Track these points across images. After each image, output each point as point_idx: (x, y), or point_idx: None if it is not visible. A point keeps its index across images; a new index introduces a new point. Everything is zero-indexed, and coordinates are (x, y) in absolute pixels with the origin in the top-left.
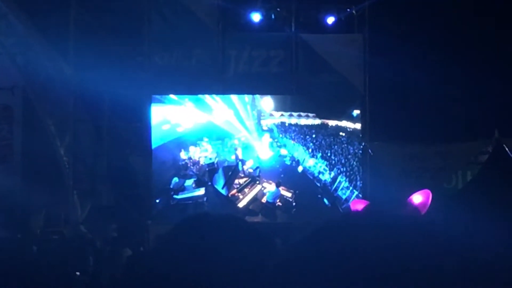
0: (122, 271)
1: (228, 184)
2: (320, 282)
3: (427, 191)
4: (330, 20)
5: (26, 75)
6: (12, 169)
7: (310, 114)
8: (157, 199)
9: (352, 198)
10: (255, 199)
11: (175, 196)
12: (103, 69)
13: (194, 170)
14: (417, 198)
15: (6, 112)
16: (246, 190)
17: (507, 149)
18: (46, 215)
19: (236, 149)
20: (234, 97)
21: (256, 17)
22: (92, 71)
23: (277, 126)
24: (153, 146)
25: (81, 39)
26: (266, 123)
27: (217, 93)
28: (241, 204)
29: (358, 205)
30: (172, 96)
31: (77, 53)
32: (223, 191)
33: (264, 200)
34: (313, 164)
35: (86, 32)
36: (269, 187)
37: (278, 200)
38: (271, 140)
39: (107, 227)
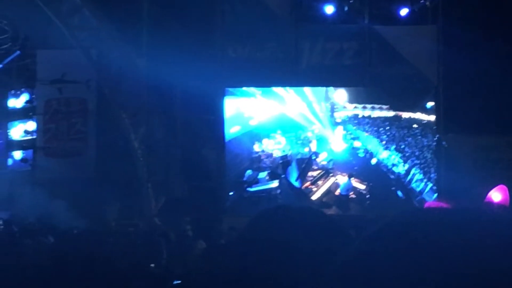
0: (198, 263)
1: (302, 177)
2: (389, 278)
3: (503, 186)
4: (404, 11)
5: (100, 68)
6: (87, 161)
7: (383, 106)
8: (230, 191)
9: (426, 190)
10: (329, 192)
11: (249, 189)
12: (175, 61)
13: (268, 163)
14: (496, 195)
15: (80, 105)
16: (319, 182)
17: None
18: (121, 207)
19: (309, 142)
20: (307, 89)
21: (329, 9)
22: (164, 63)
23: (350, 118)
24: (226, 138)
25: (153, 32)
26: (339, 115)
27: (290, 85)
28: (314, 197)
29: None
30: (245, 88)
31: (150, 46)
32: (297, 184)
33: (337, 192)
34: (386, 156)
35: (158, 25)
36: (342, 179)
37: (351, 193)
38: (344, 132)
39: (180, 220)
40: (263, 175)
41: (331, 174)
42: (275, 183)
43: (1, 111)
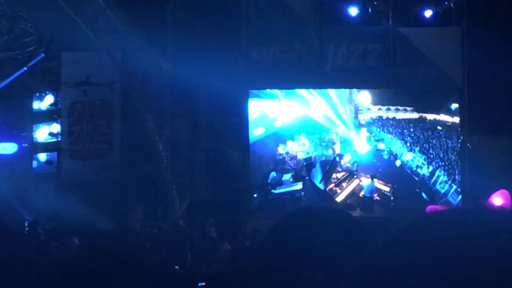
0: (223, 265)
1: (326, 179)
2: (409, 279)
3: (504, 191)
4: (428, 13)
5: (124, 70)
6: (112, 163)
7: (407, 108)
8: (254, 193)
9: (451, 192)
10: (353, 193)
11: (273, 191)
12: (200, 63)
13: (292, 165)
14: (497, 200)
15: (105, 107)
16: (343, 184)
17: None
18: (145, 209)
19: (334, 144)
20: (331, 91)
21: (353, 10)
22: (189, 65)
23: (374, 120)
24: (251, 140)
25: (178, 34)
26: (364, 117)
27: (314, 87)
28: (339, 199)
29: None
30: (269, 90)
31: (175, 48)
32: (321, 186)
33: (361, 194)
34: (411, 158)
35: (183, 27)
36: (365, 181)
37: (376, 194)
38: (368, 134)
39: (205, 222)
40: (287, 177)
41: (355, 176)
42: (299, 185)
43: (26, 114)
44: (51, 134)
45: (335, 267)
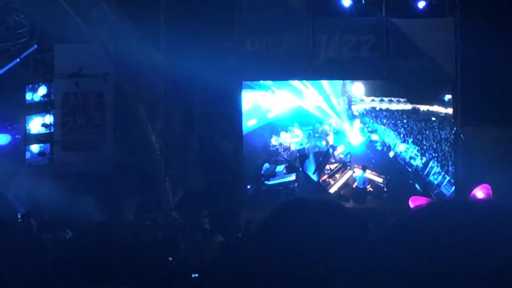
0: (215, 256)
1: (319, 170)
2: (406, 271)
3: (486, 185)
4: (421, 4)
5: (118, 62)
6: (105, 155)
7: (401, 99)
8: (248, 185)
9: (444, 183)
10: (346, 185)
11: (266, 182)
12: (193, 55)
13: (285, 156)
14: (479, 193)
15: (98, 99)
16: (337, 175)
17: None
18: (139, 200)
19: (327, 135)
20: (324, 83)
21: (346, 1)
22: (182, 57)
23: (367, 111)
24: (244, 132)
25: (171, 25)
26: (357, 108)
27: (308, 78)
28: (332, 190)
29: (418, 201)
30: (262, 82)
31: (168, 39)
32: (314, 177)
33: (355, 185)
34: (404, 149)
35: (176, 19)
36: (358, 172)
37: (369, 185)
38: (361, 125)
39: (198, 213)
40: (280, 168)
41: (348, 167)
42: (292, 177)
43: (19, 105)
44: (44, 125)
45: (328, 258)
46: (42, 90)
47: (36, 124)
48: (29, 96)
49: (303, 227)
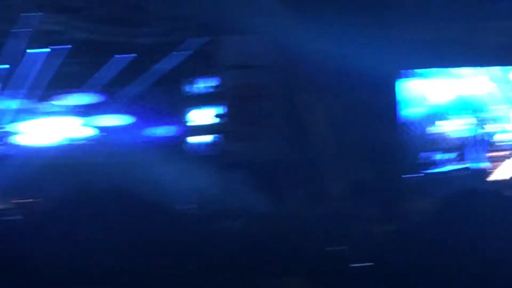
0: (386, 246)
1: (485, 158)
2: None
3: None
4: None
5: (282, 52)
6: (272, 146)
7: None
8: (409, 174)
9: None
10: None
11: (428, 171)
12: (351, 43)
13: (450, 144)
14: None
15: (265, 90)
16: (504, 163)
17: None
18: (305, 190)
19: (494, 122)
20: (491, 69)
21: None
22: (341, 46)
23: None
24: (402, 119)
25: (329, 13)
26: None
27: (472, 65)
28: (499, 178)
29: None
30: (422, 69)
31: (326, 28)
32: (479, 166)
33: None
34: None
35: (334, 7)
36: None
37: None
38: None
39: (364, 203)
40: (442, 156)
41: None
42: (457, 165)
43: (186, 98)
44: (212, 117)
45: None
46: (209, 82)
47: (204, 116)
48: (196, 88)
49: (479, 217)
